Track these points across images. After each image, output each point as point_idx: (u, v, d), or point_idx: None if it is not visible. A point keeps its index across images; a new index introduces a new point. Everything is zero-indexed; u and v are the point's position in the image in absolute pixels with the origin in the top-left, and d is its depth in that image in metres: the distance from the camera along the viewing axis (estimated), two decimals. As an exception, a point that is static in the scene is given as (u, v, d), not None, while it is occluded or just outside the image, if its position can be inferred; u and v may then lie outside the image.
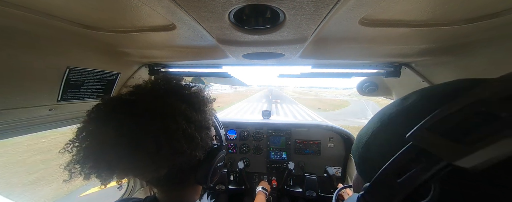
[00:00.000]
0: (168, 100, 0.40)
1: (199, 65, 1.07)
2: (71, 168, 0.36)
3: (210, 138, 0.49)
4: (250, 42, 0.56)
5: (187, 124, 0.39)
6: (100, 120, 0.37)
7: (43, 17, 0.48)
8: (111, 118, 0.36)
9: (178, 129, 0.37)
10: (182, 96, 0.44)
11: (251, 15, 0.43)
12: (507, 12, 0.43)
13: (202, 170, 0.48)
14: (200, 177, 0.48)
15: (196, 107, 0.44)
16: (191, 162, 0.46)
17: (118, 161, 0.35)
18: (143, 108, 0.38)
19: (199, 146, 0.41)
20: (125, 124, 0.35)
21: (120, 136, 0.34)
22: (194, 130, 0.40)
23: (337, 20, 0.47)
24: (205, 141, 0.44)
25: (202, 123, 0.44)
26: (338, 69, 1.02)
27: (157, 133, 0.36)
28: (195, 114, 0.42)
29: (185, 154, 0.39)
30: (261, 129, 1.66)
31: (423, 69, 0.86)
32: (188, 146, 0.38)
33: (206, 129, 0.45)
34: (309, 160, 1.59)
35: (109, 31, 0.59)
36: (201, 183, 0.50)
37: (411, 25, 0.51)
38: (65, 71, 0.68)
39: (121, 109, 0.38)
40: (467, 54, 0.66)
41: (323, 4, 0.36)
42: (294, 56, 0.72)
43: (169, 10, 0.41)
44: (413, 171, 0.18)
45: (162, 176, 0.43)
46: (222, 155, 0.54)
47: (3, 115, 0.58)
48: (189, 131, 0.39)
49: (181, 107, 0.40)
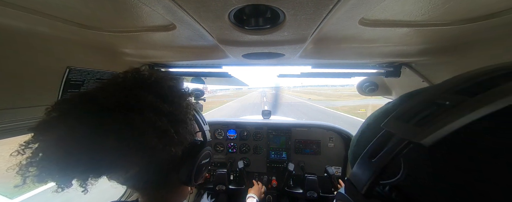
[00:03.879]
0: (134, 91, 0.37)
1: (199, 65, 1.07)
2: (25, 171, 0.32)
3: (190, 133, 0.46)
4: (250, 42, 0.56)
5: (157, 117, 0.35)
6: (56, 118, 0.34)
7: (43, 17, 0.48)
8: (69, 114, 0.33)
9: (143, 121, 0.34)
10: (152, 87, 0.40)
11: (251, 15, 0.43)
12: (506, 12, 0.43)
13: (184, 168, 0.45)
14: (183, 175, 0.45)
15: (170, 99, 0.40)
16: (170, 160, 0.43)
17: (76, 162, 0.31)
18: (106, 101, 0.34)
19: (175, 141, 0.38)
20: (84, 119, 0.32)
21: (75, 134, 0.31)
22: (167, 123, 0.37)
23: (337, 20, 0.47)
24: (183, 135, 0.40)
25: (178, 116, 0.40)
26: (338, 69, 1.02)
27: (119, 127, 0.32)
28: (167, 106, 0.38)
29: (157, 149, 0.35)
30: (261, 129, 1.66)
31: (423, 69, 0.86)
32: (159, 140, 0.35)
33: (182, 122, 0.41)
34: (309, 160, 1.59)
35: (109, 31, 0.59)
36: (186, 182, 0.47)
37: (411, 25, 0.51)
38: (65, 71, 0.68)
39: (82, 104, 0.34)
40: (467, 54, 0.66)
41: (323, 4, 0.36)
42: (294, 56, 0.72)
43: (169, 10, 0.41)
44: (384, 151, 0.21)
45: (138, 177, 0.40)
46: (207, 152, 0.52)
47: (2, 115, 0.58)
48: (159, 123, 0.35)
49: (149, 98, 0.36)
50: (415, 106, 0.21)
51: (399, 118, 0.22)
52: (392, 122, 0.22)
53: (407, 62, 0.89)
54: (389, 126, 0.22)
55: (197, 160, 0.47)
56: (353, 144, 0.35)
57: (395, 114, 0.23)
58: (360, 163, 0.25)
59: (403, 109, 0.22)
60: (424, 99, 0.21)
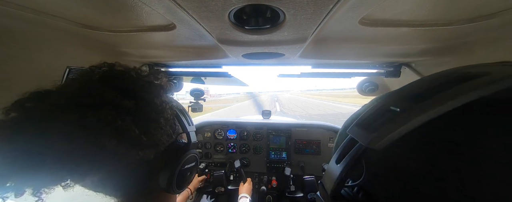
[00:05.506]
0: (94, 85, 0.32)
1: (199, 65, 1.07)
2: None
3: (168, 134, 0.42)
4: (250, 42, 0.56)
5: (117, 115, 0.31)
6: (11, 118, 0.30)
7: (43, 17, 0.48)
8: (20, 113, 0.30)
9: (98, 120, 0.29)
10: (119, 82, 0.35)
11: (251, 15, 0.43)
12: (506, 12, 0.43)
13: (164, 175, 0.41)
14: (162, 182, 0.41)
15: (138, 95, 0.35)
16: (144, 164, 0.38)
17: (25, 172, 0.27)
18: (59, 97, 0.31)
19: (143, 142, 0.33)
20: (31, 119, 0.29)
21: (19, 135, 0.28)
22: (131, 122, 0.32)
23: (337, 20, 0.47)
24: (155, 137, 0.36)
25: (148, 115, 0.35)
26: (338, 69, 1.02)
27: (68, 128, 0.28)
28: (131, 103, 0.33)
29: (119, 153, 0.31)
30: (261, 129, 1.66)
31: (423, 69, 0.86)
32: (119, 141, 0.31)
33: (154, 122, 0.36)
34: (309, 160, 1.59)
35: (109, 31, 0.59)
36: (167, 189, 0.42)
37: (411, 25, 0.51)
38: (65, 71, 0.68)
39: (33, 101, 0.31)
40: (467, 54, 0.66)
41: (323, 4, 0.36)
42: (294, 56, 0.72)
43: (169, 9, 0.41)
44: (347, 155, 0.23)
45: (109, 183, 0.37)
46: (192, 155, 0.47)
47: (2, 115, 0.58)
48: (120, 123, 0.31)
49: (108, 93, 0.32)
50: (374, 112, 0.23)
51: (360, 124, 0.23)
52: (354, 128, 0.24)
53: (407, 62, 0.89)
54: (351, 132, 0.24)
55: (179, 164, 0.43)
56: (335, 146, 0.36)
57: (357, 120, 0.24)
58: (329, 166, 0.26)
59: (364, 115, 0.24)
60: (382, 105, 0.23)
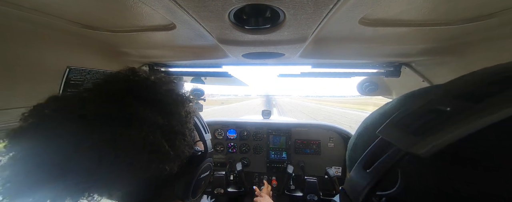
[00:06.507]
0: (126, 100, 0.32)
1: (199, 65, 1.07)
2: None
3: (189, 145, 0.42)
4: (250, 42, 0.56)
5: (149, 130, 0.31)
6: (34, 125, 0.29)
7: (43, 17, 0.48)
8: (48, 122, 0.28)
9: (132, 138, 0.29)
10: (146, 94, 0.35)
11: (251, 14, 0.43)
12: (506, 12, 0.43)
13: (181, 183, 0.41)
14: (179, 191, 0.41)
15: (166, 109, 0.35)
16: (165, 175, 0.37)
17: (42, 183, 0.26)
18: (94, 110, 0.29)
19: (170, 157, 0.33)
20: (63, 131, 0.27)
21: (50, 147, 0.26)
22: (161, 137, 0.32)
23: (337, 19, 0.47)
24: (180, 149, 0.36)
25: (175, 127, 0.36)
26: (338, 69, 1.02)
27: (100, 144, 0.28)
28: (161, 118, 0.33)
29: (148, 168, 0.31)
30: (261, 129, 1.66)
31: (423, 69, 0.86)
32: (150, 158, 0.30)
33: (179, 134, 0.37)
34: (309, 160, 1.59)
35: (109, 31, 0.59)
36: (182, 198, 0.42)
37: (411, 25, 0.51)
38: (65, 71, 0.68)
39: (61, 112, 0.29)
40: (467, 54, 0.66)
41: (323, 4, 0.36)
42: (294, 56, 0.72)
43: (169, 9, 0.41)
44: (379, 161, 0.20)
45: (129, 194, 0.37)
46: (208, 164, 0.47)
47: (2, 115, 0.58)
48: (151, 138, 0.30)
49: (141, 110, 0.31)
50: (414, 111, 0.20)
51: (396, 125, 0.20)
52: (388, 129, 0.21)
53: (407, 62, 0.89)
54: (385, 134, 0.21)
55: (196, 174, 0.43)
56: (349, 147, 0.33)
57: (392, 119, 0.21)
58: (355, 171, 0.23)
59: (400, 114, 0.21)
60: (424, 103, 0.20)
